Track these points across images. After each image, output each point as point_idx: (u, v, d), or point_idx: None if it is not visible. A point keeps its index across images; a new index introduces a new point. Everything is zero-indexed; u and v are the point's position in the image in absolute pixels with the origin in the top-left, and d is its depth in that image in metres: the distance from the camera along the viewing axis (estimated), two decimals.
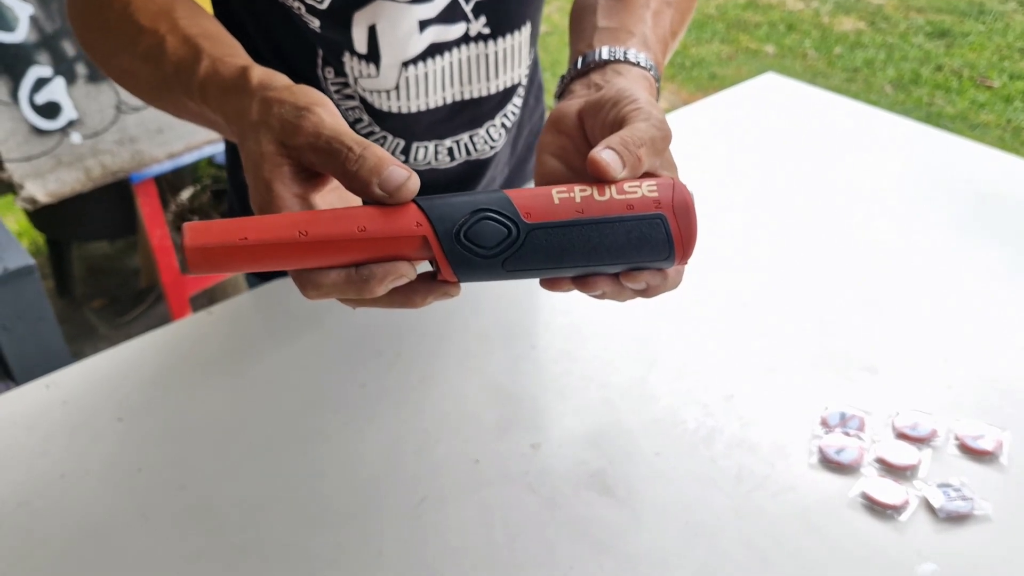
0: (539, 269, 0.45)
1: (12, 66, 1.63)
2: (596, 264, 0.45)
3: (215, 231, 0.41)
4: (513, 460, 0.72)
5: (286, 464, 0.72)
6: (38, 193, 1.63)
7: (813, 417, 0.74)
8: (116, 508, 0.69)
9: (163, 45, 0.57)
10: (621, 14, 0.66)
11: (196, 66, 0.54)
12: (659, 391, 0.78)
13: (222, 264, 0.41)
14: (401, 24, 0.76)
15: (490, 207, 0.44)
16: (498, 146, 0.92)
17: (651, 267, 0.46)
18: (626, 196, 0.45)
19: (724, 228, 0.99)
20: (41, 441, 0.75)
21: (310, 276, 0.44)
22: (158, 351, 0.85)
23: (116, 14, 0.62)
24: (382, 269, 0.43)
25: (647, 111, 0.51)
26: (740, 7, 4.45)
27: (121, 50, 0.62)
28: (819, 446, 0.71)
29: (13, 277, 1.33)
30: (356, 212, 0.43)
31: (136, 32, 0.60)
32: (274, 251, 0.41)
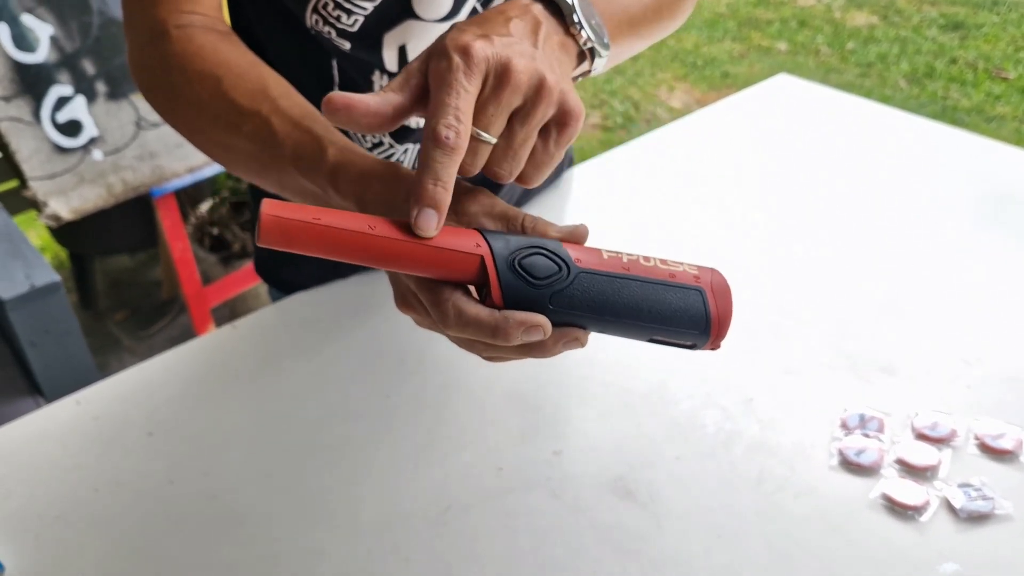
0: (582, 312, 0.47)
1: (34, 86, 1.66)
2: (634, 321, 0.47)
3: (291, 207, 0.43)
4: (536, 467, 0.73)
5: (314, 474, 0.73)
6: (62, 210, 1.66)
7: (832, 419, 0.75)
8: (149, 520, 0.71)
9: (271, 127, 0.59)
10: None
11: (322, 153, 0.56)
12: (679, 395, 0.79)
13: (292, 239, 0.43)
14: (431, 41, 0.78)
15: (545, 246, 0.47)
16: None
17: (684, 340, 0.48)
18: (669, 267, 0.48)
19: (741, 231, 1.00)
20: (74, 456, 0.77)
21: (457, 302, 0.46)
22: (185, 365, 0.87)
23: (208, 92, 0.63)
24: (520, 316, 0.45)
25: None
26: (751, 4, 4.45)
27: (220, 127, 0.63)
28: (839, 448, 0.71)
29: (40, 294, 1.36)
30: None
31: (237, 113, 0.61)
32: (341, 237, 0.43)
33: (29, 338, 1.38)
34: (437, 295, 0.47)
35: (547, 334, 0.46)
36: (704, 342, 0.49)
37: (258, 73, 0.64)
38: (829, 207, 1.04)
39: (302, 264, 0.98)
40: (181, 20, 0.66)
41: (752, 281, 0.92)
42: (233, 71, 0.63)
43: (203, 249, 2.21)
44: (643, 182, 1.11)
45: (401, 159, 0.87)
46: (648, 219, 1.03)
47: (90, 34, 1.72)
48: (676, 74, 3.78)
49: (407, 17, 0.76)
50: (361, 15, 0.75)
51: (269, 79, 0.63)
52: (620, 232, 1.00)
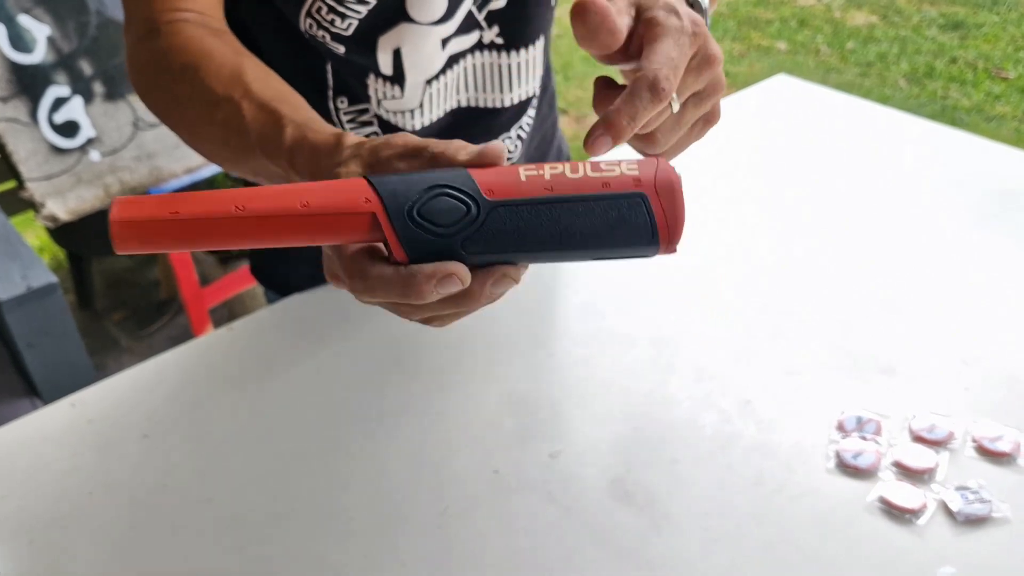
0: (502, 252, 0.41)
1: (31, 87, 1.66)
2: (567, 250, 0.41)
3: (146, 205, 0.38)
4: (533, 469, 0.73)
5: (309, 477, 0.73)
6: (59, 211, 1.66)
7: (830, 421, 0.74)
8: (144, 524, 0.70)
9: (240, 112, 0.57)
10: None
11: (281, 132, 0.54)
12: (677, 397, 0.78)
13: (152, 240, 0.38)
14: (425, 45, 0.77)
15: (447, 183, 0.40)
16: (514, 157, 0.93)
17: (632, 255, 0.43)
18: (602, 174, 0.41)
19: (740, 232, 1.00)
20: (69, 459, 0.76)
21: (359, 264, 0.42)
22: (181, 368, 0.86)
23: (188, 83, 0.62)
24: (429, 268, 0.40)
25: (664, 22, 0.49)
26: (751, 4, 4.44)
27: (197, 119, 0.62)
28: (836, 450, 0.71)
29: (37, 295, 1.35)
30: (300, 187, 0.40)
31: (212, 101, 0.60)
32: (208, 227, 0.38)
33: (26, 340, 1.37)
34: (344, 256, 0.43)
35: (465, 283, 0.41)
36: (656, 251, 0.43)
37: (237, 61, 0.62)
38: (828, 207, 1.03)
39: (297, 265, 0.97)
40: (173, 16, 0.66)
41: (751, 281, 0.91)
42: (213, 60, 0.62)
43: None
44: None
45: None
46: None
47: (87, 34, 1.71)
48: None
49: (401, 20, 0.75)
50: (355, 19, 0.74)
51: (247, 66, 0.62)
52: None
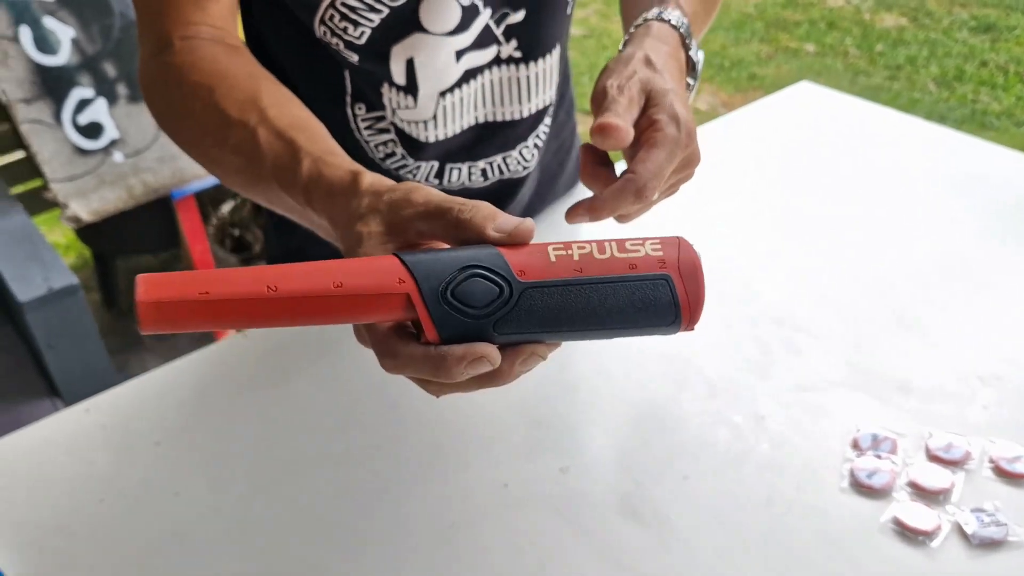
0: (532, 332, 0.42)
1: (55, 88, 1.68)
2: (596, 328, 0.42)
3: (174, 284, 0.37)
4: (541, 484, 0.72)
5: (319, 487, 0.73)
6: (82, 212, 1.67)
7: (845, 438, 0.73)
8: (154, 532, 0.70)
9: (256, 139, 0.56)
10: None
11: (297, 166, 0.53)
12: (689, 412, 0.77)
13: (180, 321, 0.37)
14: (439, 56, 0.77)
15: (480, 263, 0.41)
16: (531, 166, 0.92)
17: (654, 332, 0.44)
18: (628, 255, 0.42)
19: (755, 243, 0.99)
20: (81, 465, 0.77)
21: (390, 344, 0.42)
22: (194, 374, 0.87)
23: (201, 103, 0.61)
24: (460, 349, 0.40)
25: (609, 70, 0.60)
26: (779, 5, 4.40)
27: (210, 140, 0.61)
28: (850, 469, 0.70)
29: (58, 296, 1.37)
30: (332, 266, 0.40)
31: (225, 124, 0.59)
32: (239, 307, 0.38)
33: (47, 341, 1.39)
34: (375, 334, 0.43)
35: (495, 364, 0.42)
36: (676, 330, 0.44)
37: (254, 84, 0.62)
38: (846, 219, 1.02)
39: None
40: (187, 32, 0.65)
41: (765, 294, 0.90)
42: (228, 81, 0.61)
43: (224, 250, 2.22)
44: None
45: (413, 174, 0.86)
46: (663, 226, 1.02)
47: (111, 36, 1.73)
48: (702, 75, 3.75)
49: (414, 30, 0.75)
50: (368, 27, 0.74)
51: (264, 89, 0.61)
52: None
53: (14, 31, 1.62)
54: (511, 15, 0.78)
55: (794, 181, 1.10)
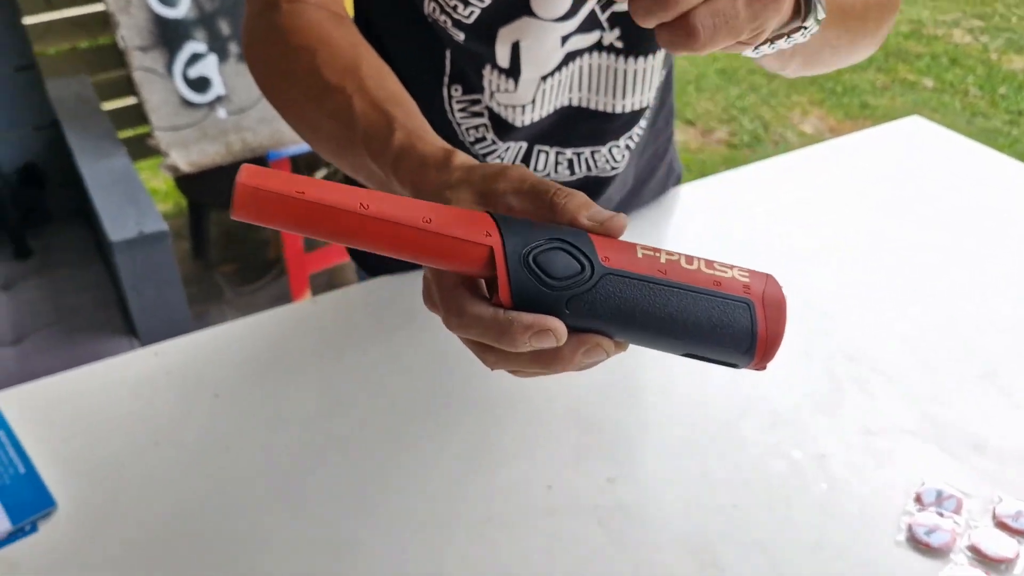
0: (604, 320, 0.40)
1: (170, 40, 1.73)
2: (665, 336, 0.41)
3: (275, 178, 0.37)
4: (586, 491, 0.71)
5: (363, 463, 0.73)
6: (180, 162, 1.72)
7: (907, 491, 0.70)
8: (201, 483, 0.72)
9: (351, 106, 0.57)
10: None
11: (390, 136, 0.54)
12: (747, 440, 0.75)
13: (270, 213, 0.37)
14: (545, 40, 0.76)
15: (568, 238, 0.40)
16: (620, 167, 0.91)
17: (723, 360, 0.42)
18: (715, 273, 0.42)
19: (842, 273, 0.95)
20: (142, 407, 0.79)
21: (459, 300, 0.41)
22: (261, 333, 0.88)
23: (303, 65, 0.62)
24: (529, 318, 0.39)
25: None
26: (903, 36, 4.26)
27: (306, 102, 0.62)
28: (909, 523, 0.67)
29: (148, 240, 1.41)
30: (425, 203, 0.40)
31: (323, 88, 0.60)
32: (328, 216, 0.38)
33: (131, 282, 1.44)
34: (446, 287, 0.42)
35: (560, 341, 0.40)
36: (747, 362, 0.42)
37: (354, 53, 0.62)
38: (943, 263, 0.97)
39: None
40: None
41: (844, 329, 0.87)
42: (330, 48, 0.62)
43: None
44: (755, 208, 1.07)
45: (502, 157, 0.86)
46: (751, 248, 0.99)
47: None
48: (812, 98, 3.65)
49: (523, 14, 0.74)
50: (478, 7, 0.74)
51: (364, 59, 0.62)
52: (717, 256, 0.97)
53: None
54: (618, 2, 0.77)
55: (891, 216, 1.06)
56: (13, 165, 1.73)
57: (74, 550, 0.67)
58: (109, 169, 1.58)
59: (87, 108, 1.77)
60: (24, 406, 0.78)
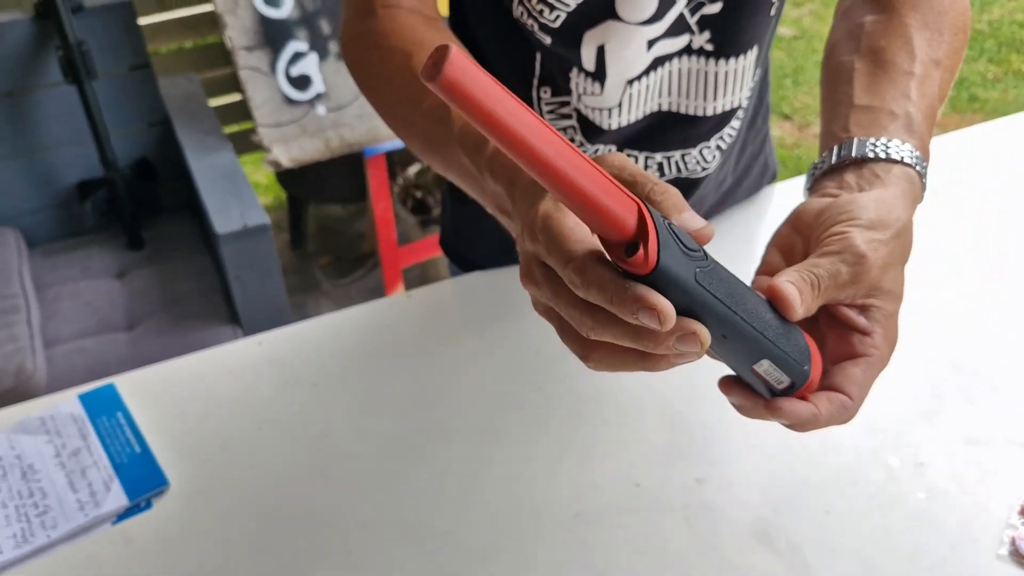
0: (718, 300, 0.42)
1: (274, 39, 1.79)
2: (759, 331, 0.45)
3: (479, 84, 0.35)
4: (675, 490, 0.71)
5: (456, 454, 0.75)
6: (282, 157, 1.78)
7: (1011, 503, 0.68)
8: (301, 465, 0.75)
9: (445, 106, 0.59)
10: (882, 85, 0.61)
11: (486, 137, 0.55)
12: (842, 444, 0.74)
13: (456, 100, 0.35)
14: (630, 44, 0.77)
15: (673, 228, 0.42)
16: (711, 168, 0.90)
17: (786, 375, 0.48)
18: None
19: (948, 278, 0.92)
20: (246, 393, 0.82)
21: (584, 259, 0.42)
22: (357, 326, 0.91)
23: (398, 67, 0.65)
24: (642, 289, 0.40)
25: (847, 240, 0.51)
26: (1017, 24, 4.06)
27: (402, 102, 0.66)
28: (1012, 536, 0.65)
29: (251, 233, 1.47)
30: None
31: (419, 89, 0.62)
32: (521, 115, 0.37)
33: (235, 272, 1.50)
34: (571, 243, 0.43)
35: (664, 325, 0.40)
36: (803, 381, 0.48)
37: None
38: None
39: (480, 243, 1.00)
40: (389, 1, 0.68)
41: (947, 334, 0.84)
42: (424, 49, 0.65)
43: (405, 210, 2.30)
44: None
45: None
46: None
47: None
48: None
49: (608, 17, 0.75)
50: (563, 11, 0.74)
51: None
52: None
53: None
54: (707, 5, 0.77)
55: (1006, 219, 1.02)
56: (128, 160, 1.82)
57: (185, 526, 0.71)
58: (215, 164, 1.65)
59: (196, 105, 1.85)
60: (139, 390, 0.83)
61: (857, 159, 0.57)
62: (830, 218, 0.53)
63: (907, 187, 0.56)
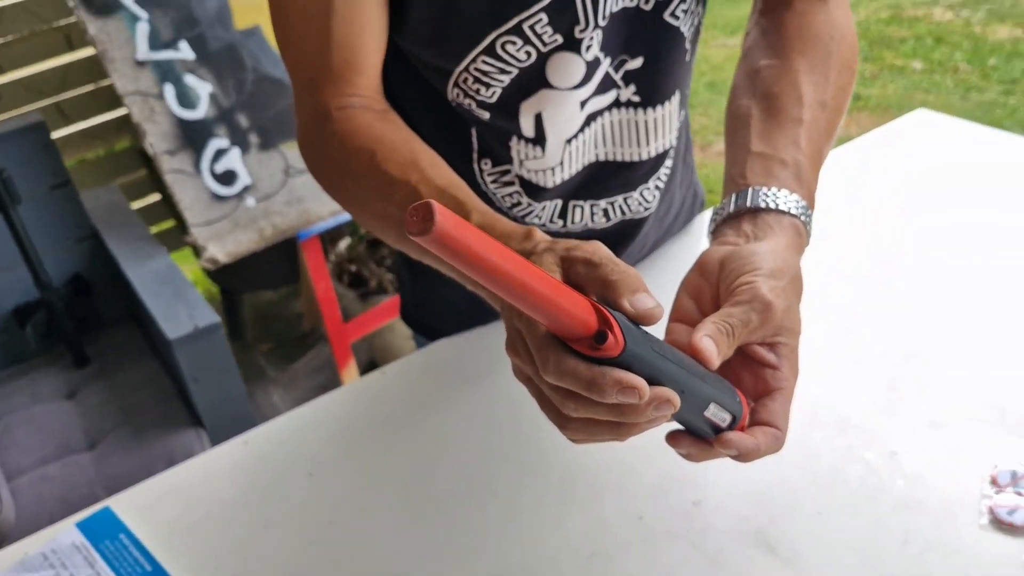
0: (672, 362, 0.50)
1: (195, 140, 1.80)
2: (704, 383, 0.53)
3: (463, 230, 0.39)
4: (676, 517, 0.75)
5: (461, 517, 0.77)
6: (218, 254, 1.79)
7: (982, 475, 0.73)
8: (314, 555, 0.76)
9: (419, 194, 0.64)
10: (774, 134, 0.69)
11: (467, 217, 0.61)
12: (820, 448, 0.79)
13: (445, 253, 0.39)
14: (565, 107, 0.82)
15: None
16: (652, 207, 0.96)
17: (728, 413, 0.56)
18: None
19: (882, 279, 0.99)
20: (244, 493, 0.83)
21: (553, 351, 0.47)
22: (340, 409, 0.93)
23: (363, 164, 0.69)
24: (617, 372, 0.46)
25: (754, 290, 0.57)
26: (883, 22, 4.32)
27: (373, 197, 0.69)
28: (989, 506, 0.70)
29: (203, 334, 1.47)
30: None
31: (388, 183, 0.67)
32: (487, 267, 0.41)
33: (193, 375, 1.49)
34: (540, 338, 0.48)
35: (643, 397, 0.46)
36: (740, 414, 0.57)
37: (410, 147, 0.70)
38: (977, 251, 1.01)
39: (442, 310, 1.03)
40: (342, 102, 0.72)
41: (893, 330, 0.91)
42: (387, 145, 0.69)
43: (342, 285, 2.32)
44: None
45: (539, 217, 0.91)
46: None
47: (244, 90, 1.85)
48: None
49: (542, 87, 0.80)
50: (499, 87, 0.79)
51: (419, 152, 0.69)
52: None
53: (159, 89, 1.76)
54: (629, 61, 0.83)
55: (919, 214, 1.10)
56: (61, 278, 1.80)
57: None
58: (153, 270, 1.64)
59: (122, 215, 1.84)
60: (136, 508, 0.83)
61: (751, 208, 0.64)
62: (735, 269, 0.60)
63: (794, 238, 0.64)
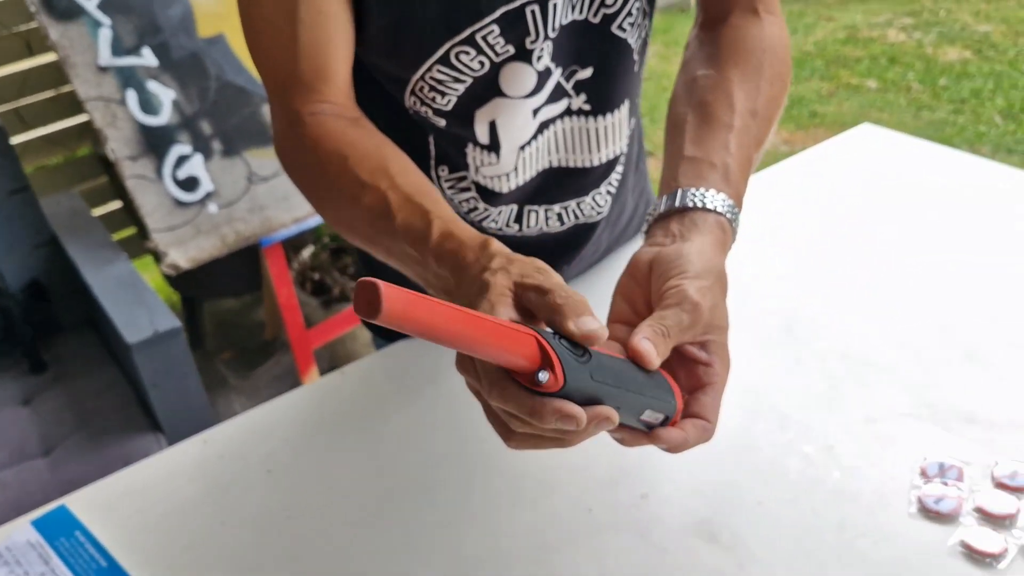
0: (609, 384, 0.53)
1: (157, 146, 1.81)
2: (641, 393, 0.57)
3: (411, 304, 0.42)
4: (624, 509, 0.77)
5: (418, 513, 0.79)
6: (180, 260, 1.79)
7: (912, 467, 0.77)
8: (270, 553, 0.78)
9: (387, 200, 0.67)
10: (706, 139, 0.72)
11: (428, 226, 0.64)
12: (761, 442, 0.82)
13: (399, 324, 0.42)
14: (518, 115, 0.85)
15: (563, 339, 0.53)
16: (604, 211, 0.99)
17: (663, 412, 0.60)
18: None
19: (821, 281, 1.03)
20: (202, 491, 0.85)
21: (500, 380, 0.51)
22: (299, 409, 0.94)
23: (336, 168, 0.72)
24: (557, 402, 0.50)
25: (683, 292, 0.61)
26: (839, 42, 4.43)
27: (343, 200, 0.72)
28: (918, 496, 0.74)
29: (163, 338, 1.47)
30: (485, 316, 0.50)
31: (358, 187, 0.69)
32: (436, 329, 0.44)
33: (151, 380, 1.49)
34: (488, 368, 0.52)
35: (580, 424, 0.51)
36: (673, 414, 0.61)
37: (381, 153, 0.72)
38: (910, 259, 1.06)
39: None
40: (315, 109, 0.75)
41: (832, 329, 0.94)
42: (359, 151, 0.72)
43: (304, 293, 2.33)
44: None
45: (496, 222, 0.93)
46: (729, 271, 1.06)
47: (208, 98, 1.86)
48: None
49: (495, 95, 0.83)
50: (454, 95, 0.82)
51: (390, 158, 0.72)
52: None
53: (122, 95, 1.76)
54: (579, 71, 0.86)
55: (859, 224, 1.14)
56: (19, 284, 1.79)
57: None
58: (113, 275, 1.64)
59: (82, 220, 1.84)
60: (92, 506, 0.83)
61: (679, 208, 0.68)
62: (663, 272, 0.63)
63: (720, 235, 0.67)
